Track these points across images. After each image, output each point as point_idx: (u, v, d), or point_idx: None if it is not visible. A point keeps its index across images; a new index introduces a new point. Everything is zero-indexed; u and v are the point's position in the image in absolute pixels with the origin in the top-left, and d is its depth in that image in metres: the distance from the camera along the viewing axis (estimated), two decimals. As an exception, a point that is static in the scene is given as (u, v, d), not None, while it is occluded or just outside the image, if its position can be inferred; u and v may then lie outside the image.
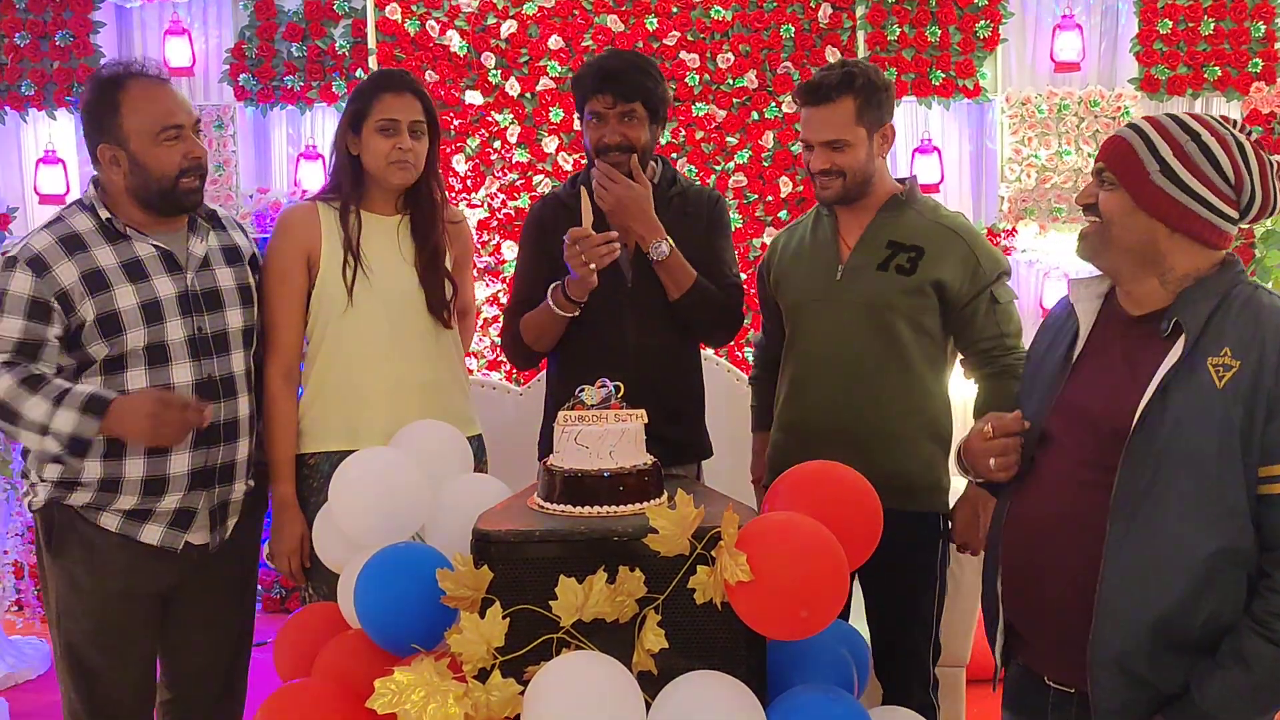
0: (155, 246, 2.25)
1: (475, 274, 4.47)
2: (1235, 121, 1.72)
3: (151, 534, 2.24)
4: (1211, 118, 1.72)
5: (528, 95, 4.49)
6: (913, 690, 2.44)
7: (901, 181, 2.51)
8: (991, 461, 1.81)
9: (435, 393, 2.49)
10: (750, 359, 4.40)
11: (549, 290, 2.46)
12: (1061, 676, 1.77)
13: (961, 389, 2.64)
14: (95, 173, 2.29)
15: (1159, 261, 1.70)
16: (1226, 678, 1.60)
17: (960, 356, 2.49)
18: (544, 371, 2.81)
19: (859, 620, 2.53)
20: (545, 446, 2.63)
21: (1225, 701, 1.60)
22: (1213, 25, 4.31)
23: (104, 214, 2.22)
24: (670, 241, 2.47)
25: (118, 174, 2.23)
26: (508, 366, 4.34)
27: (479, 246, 4.51)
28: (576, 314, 2.46)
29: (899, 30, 4.36)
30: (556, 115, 4.45)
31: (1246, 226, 1.74)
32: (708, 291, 2.53)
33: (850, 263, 2.42)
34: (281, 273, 2.43)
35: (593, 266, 2.35)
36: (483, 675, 1.69)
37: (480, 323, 4.45)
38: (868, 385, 2.38)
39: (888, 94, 2.41)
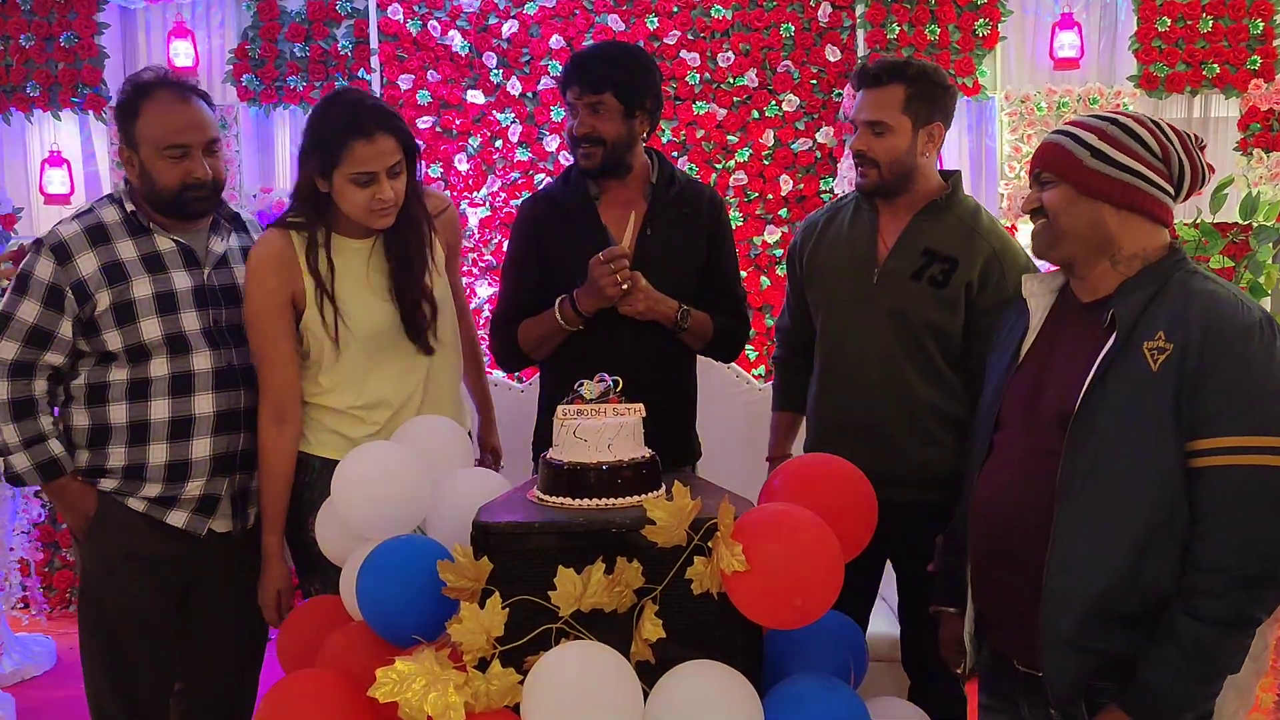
0: (176, 242, 2.32)
1: (477, 271, 4.53)
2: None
3: (177, 518, 2.30)
4: (1135, 113, 1.82)
5: (529, 95, 4.51)
6: (941, 682, 2.44)
7: (946, 178, 2.48)
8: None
9: (417, 411, 2.40)
10: (750, 354, 4.45)
11: (556, 303, 2.45)
12: (1027, 660, 1.81)
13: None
14: None
15: (1110, 243, 1.77)
16: (1164, 655, 1.65)
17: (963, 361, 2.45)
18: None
19: (880, 616, 2.56)
20: (539, 448, 2.63)
21: (1167, 680, 1.65)
22: (1211, 23, 4.32)
23: (129, 207, 2.30)
24: (686, 308, 2.49)
25: (132, 175, 2.31)
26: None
27: (481, 245, 4.54)
28: (582, 328, 2.46)
29: (898, 29, 4.38)
30: (558, 114, 4.47)
31: (1184, 199, 1.84)
32: (721, 328, 2.57)
33: (885, 267, 2.41)
34: (267, 314, 2.29)
35: (625, 287, 2.36)
36: (483, 665, 1.71)
37: (481, 321, 4.48)
38: (903, 390, 2.39)
39: (944, 93, 2.40)
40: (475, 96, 4.52)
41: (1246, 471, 1.63)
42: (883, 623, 2.84)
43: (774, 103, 4.47)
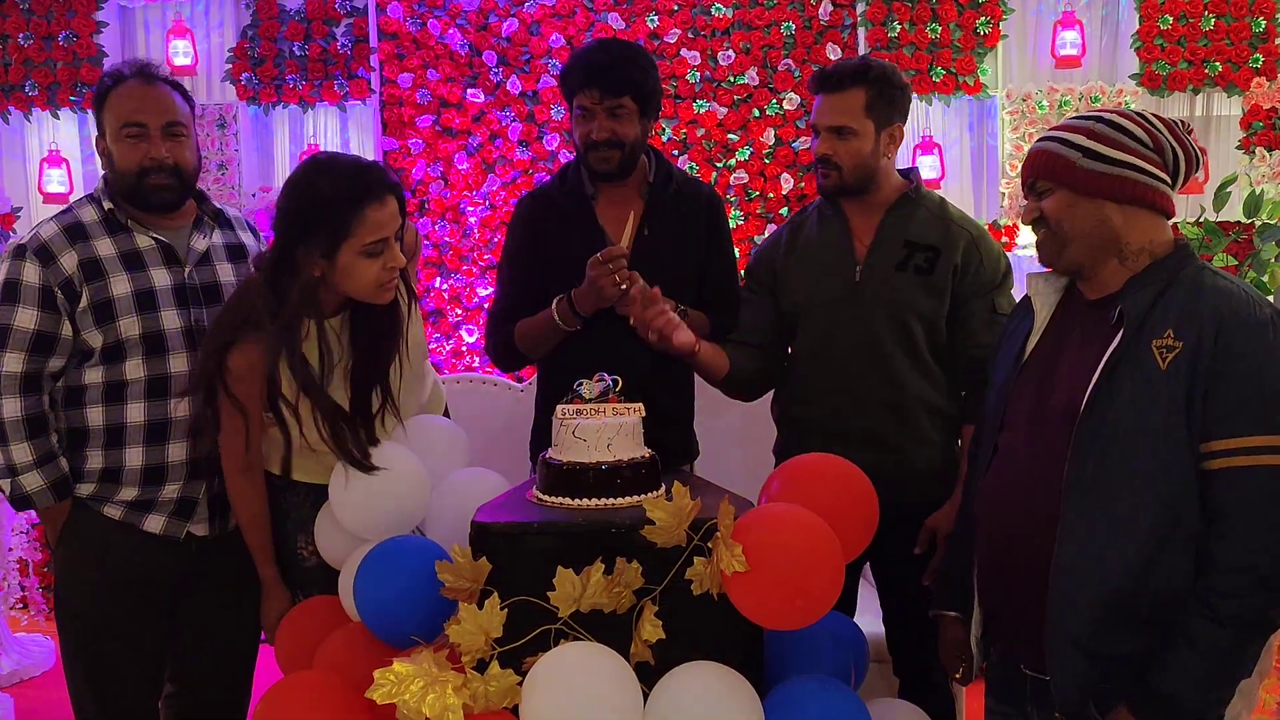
0: (155, 239, 2.28)
1: (476, 271, 4.52)
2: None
3: (154, 524, 2.27)
4: (1116, 106, 1.79)
5: (529, 93, 4.50)
6: (934, 680, 2.44)
7: (906, 176, 2.50)
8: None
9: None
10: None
11: (554, 303, 2.43)
12: (1035, 664, 1.78)
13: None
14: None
15: (1116, 240, 1.75)
16: (1179, 659, 1.63)
17: (951, 356, 2.45)
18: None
19: (865, 616, 2.54)
20: (536, 447, 2.62)
21: (1181, 683, 1.63)
22: (1213, 21, 4.30)
23: (107, 205, 2.27)
24: (684, 307, 2.48)
25: (105, 165, 2.29)
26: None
27: (481, 245, 4.53)
28: (579, 328, 2.43)
29: (899, 27, 4.36)
30: (558, 113, 4.46)
31: (1182, 187, 1.81)
32: (719, 327, 2.55)
33: (868, 263, 2.41)
34: (234, 408, 2.13)
35: (624, 287, 2.34)
36: (481, 666, 1.71)
37: (481, 320, 4.47)
38: (894, 386, 2.38)
39: (902, 94, 2.41)
40: (475, 95, 4.50)
41: (1267, 472, 1.60)
42: (876, 622, 2.83)
43: (775, 101, 4.46)
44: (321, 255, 2.03)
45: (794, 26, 4.44)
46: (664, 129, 4.45)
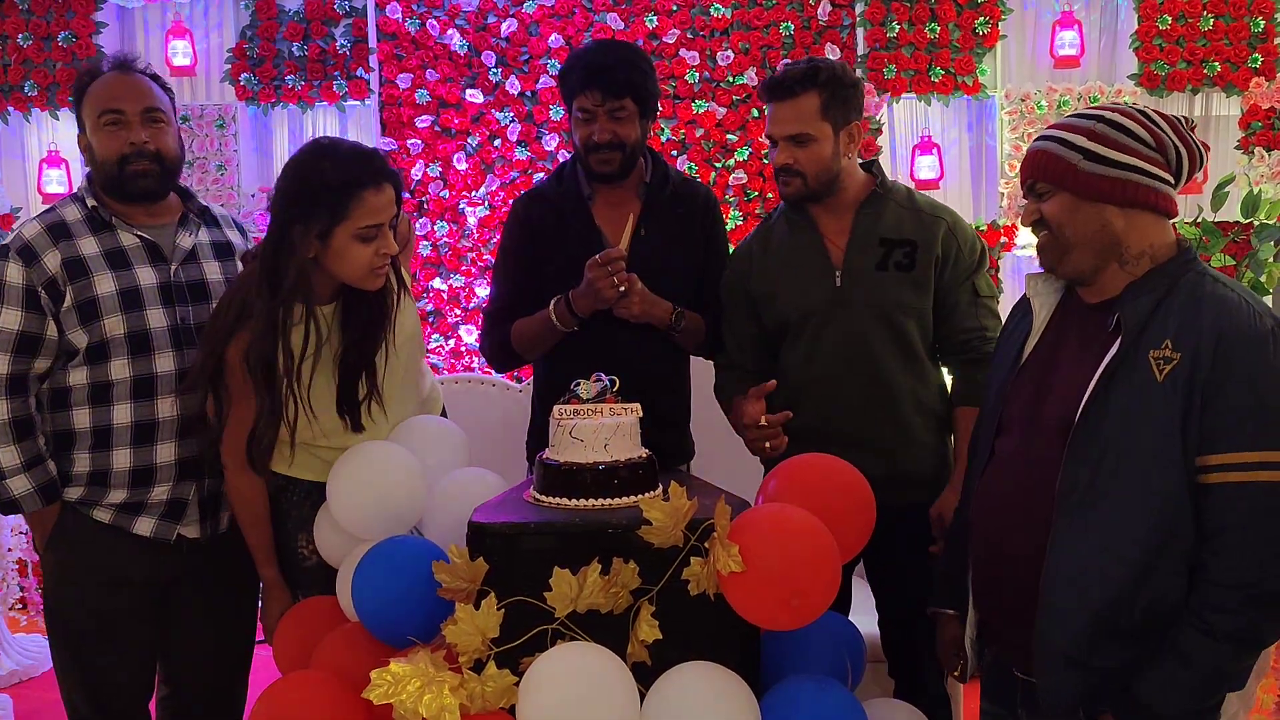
0: (140, 237, 2.26)
1: (475, 271, 4.53)
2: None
3: (144, 526, 2.25)
4: (1115, 103, 1.76)
5: (528, 93, 4.50)
6: (928, 682, 2.43)
7: (868, 170, 2.46)
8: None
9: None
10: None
11: (551, 304, 2.42)
12: (1026, 668, 1.77)
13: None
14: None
15: (1117, 244, 1.71)
16: (1168, 673, 1.60)
17: (938, 345, 2.44)
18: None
19: (859, 616, 2.54)
20: (534, 447, 2.61)
21: (1168, 696, 1.60)
22: (1212, 21, 4.31)
23: (90, 203, 2.25)
24: (680, 309, 2.46)
25: (87, 160, 2.28)
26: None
27: (480, 244, 4.53)
28: (577, 329, 2.43)
29: (898, 27, 4.37)
30: (557, 113, 4.46)
31: (1184, 185, 1.76)
32: (715, 328, 2.54)
33: (847, 266, 2.37)
34: (241, 392, 2.14)
35: (623, 290, 2.34)
36: (478, 666, 1.71)
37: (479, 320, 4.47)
38: (885, 388, 2.35)
39: (855, 91, 2.37)
40: (474, 95, 4.51)
41: (1263, 488, 1.58)
42: (870, 622, 2.83)
43: (773, 101, 4.46)
44: (317, 236, 2.06)
45: (793, 27, 4.44)
46: (663, 129, 4.45)
